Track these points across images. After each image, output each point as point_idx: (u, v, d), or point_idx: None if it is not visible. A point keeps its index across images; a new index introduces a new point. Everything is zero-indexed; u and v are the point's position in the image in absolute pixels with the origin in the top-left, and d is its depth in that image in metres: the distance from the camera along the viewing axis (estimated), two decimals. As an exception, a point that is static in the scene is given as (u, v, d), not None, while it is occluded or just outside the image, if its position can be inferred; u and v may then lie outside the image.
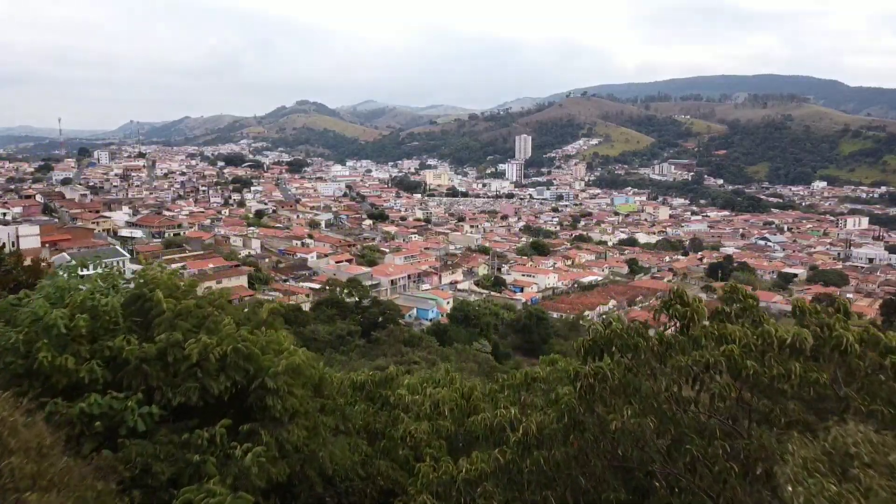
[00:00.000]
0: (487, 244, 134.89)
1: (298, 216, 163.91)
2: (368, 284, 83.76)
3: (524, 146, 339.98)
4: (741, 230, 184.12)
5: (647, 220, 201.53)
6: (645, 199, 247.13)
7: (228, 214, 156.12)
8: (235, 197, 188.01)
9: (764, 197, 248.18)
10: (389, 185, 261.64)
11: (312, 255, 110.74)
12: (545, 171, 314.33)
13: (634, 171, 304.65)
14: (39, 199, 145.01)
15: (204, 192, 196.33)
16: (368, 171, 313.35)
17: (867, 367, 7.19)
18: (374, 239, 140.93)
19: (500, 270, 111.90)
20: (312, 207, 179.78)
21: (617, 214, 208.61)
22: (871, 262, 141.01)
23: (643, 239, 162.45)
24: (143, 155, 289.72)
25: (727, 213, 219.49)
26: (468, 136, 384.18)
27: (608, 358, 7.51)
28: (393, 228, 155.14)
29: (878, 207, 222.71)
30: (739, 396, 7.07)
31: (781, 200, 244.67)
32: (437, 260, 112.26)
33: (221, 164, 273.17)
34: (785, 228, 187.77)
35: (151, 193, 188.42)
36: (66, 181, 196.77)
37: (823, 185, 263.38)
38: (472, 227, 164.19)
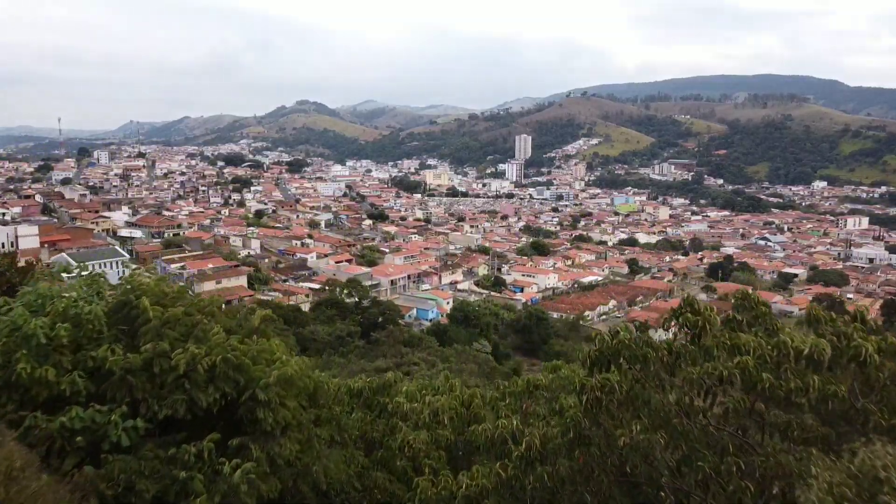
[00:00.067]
0: (487, 244, 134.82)
1: (298, 216, 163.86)
2: (368, 285, 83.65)
3: (524, 146, 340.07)
4: (741, 230, 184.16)
5: (647, 220, 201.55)
6: (645, 199, 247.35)
7: (228, 214, 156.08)
8: (235, 197, 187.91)
9: (764, 197, 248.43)
10: (389, 185, 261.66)
11: (312, 255, 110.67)
12: (545, 171, 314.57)
13: (634, 171, 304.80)
14: (39, 199, 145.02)
15: (204, 192, 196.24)
16: (368, 171, 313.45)
17: (886, 378, 6.88)
18: (373, 239, 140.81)
19: (500, 270, 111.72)
20: (312, 207, 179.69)
21: (617, 214, 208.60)
22: (871, 262, 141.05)
23: (643, 239, 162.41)
24: (142, 155, 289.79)
25: (727, 213, 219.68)
26: (468, 136, 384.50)
27: (615, 369, 7.19)
28: (393, 228, 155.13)
29: (878, 207, 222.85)
30: (753, 409, 6.75)
31: (781, 200, 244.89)
32: (436, 260, 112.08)
33: (221, 164, 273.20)
34: (785, 228, 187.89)
35: (151, 193, 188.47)
36: (65, 181, 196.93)
37: (823, 185, 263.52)
38: (472, 227, 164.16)
